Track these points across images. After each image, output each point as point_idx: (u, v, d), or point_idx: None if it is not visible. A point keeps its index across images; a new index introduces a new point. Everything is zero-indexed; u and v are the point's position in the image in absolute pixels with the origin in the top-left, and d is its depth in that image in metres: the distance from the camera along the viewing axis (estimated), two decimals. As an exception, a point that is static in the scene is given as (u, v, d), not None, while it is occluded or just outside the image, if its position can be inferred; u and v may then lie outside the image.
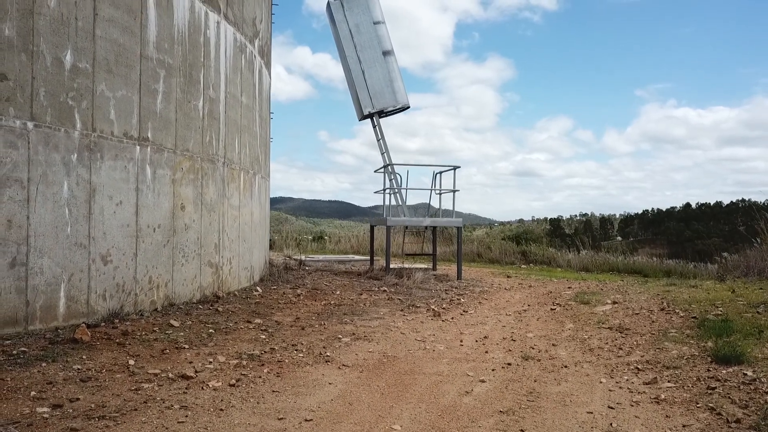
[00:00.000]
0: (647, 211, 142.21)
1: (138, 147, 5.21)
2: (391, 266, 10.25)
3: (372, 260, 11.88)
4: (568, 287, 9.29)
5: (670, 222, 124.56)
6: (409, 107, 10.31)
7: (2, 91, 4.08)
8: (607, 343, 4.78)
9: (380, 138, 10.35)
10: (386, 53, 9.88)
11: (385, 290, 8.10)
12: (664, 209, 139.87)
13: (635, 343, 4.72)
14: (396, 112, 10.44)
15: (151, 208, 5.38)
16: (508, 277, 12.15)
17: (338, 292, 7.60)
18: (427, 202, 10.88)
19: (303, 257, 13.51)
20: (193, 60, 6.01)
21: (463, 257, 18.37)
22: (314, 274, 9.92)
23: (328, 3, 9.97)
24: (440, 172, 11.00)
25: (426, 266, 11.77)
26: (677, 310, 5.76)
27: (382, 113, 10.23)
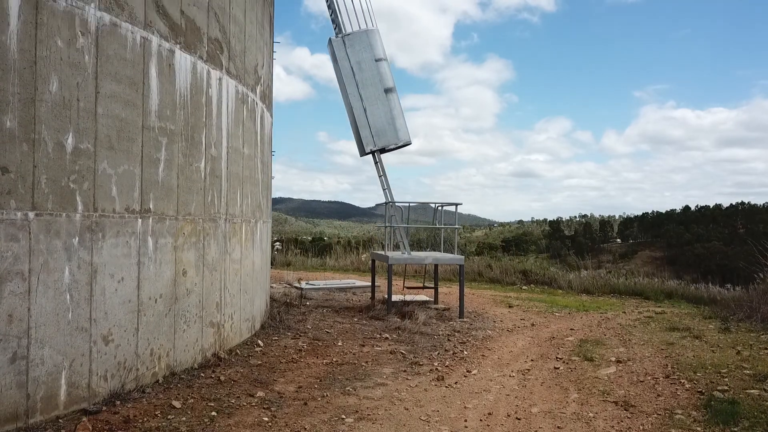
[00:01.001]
0: (647, 213, 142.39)
1: (140, 220, 5.16)
2: (393, 298, 10.22)
3: (373, 292, 11.83)
4: (570, 329, 9.26)
5: (669, 224, 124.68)
6: (410, 143, 10.27)
7: (3, 185, 4.03)
8: (613, 426, 4.74)
9: (382, 174, 10.31)
10: (388, 90, 9.84)
11: (387, 338, 8.06)
12: (663, 211, 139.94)
13: (641, 427, 4.68)
14: (397, 149, 10.39)
15: (153, 280, 5.33)
16: (509, 307, 12.14)
17: (340, 343, 7.55)
18: (427, 202, 10.82)
19: (303, 284, 13.49)
20: (195, 122, 5.96)
21: (464, 276, 18.34)
22: (315, 312, 9.88)
23: (330, 40, 9.92)
24: (441, 206, 10.98)
25: (427, 298, 11.75)
26: (682, 380, 5.72)
27: (383, 150, 10.19)
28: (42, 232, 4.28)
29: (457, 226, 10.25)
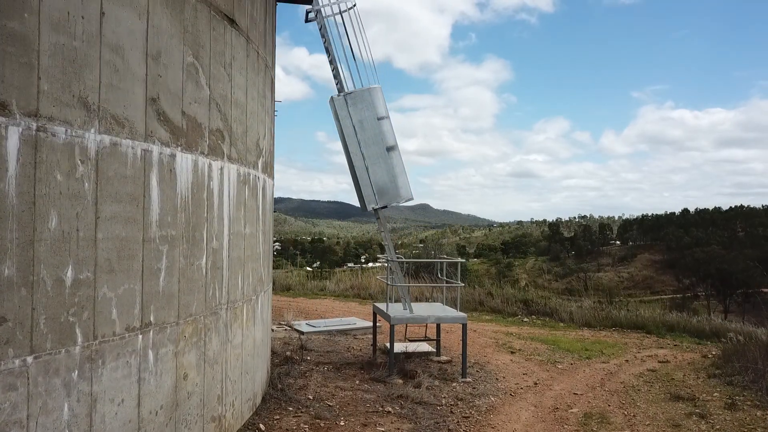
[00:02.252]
0: (646, 216, 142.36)
1: (140, 336, 5.07)
2: (395, 349, 10.17)
3: (375, 341, 11.74)
4: (574, 393, 9.21)
5: (668, 227, 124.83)
6: (412, 199, 10.20)
7: (1, 335, 3.95)
8: None
9: (383, 230, 10.23)
10: (390, 149, 9.76)
11: (389, 411, 8.01)
12: (662, 214, 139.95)
13: None
14: (399, 203, 10.32)
15: (154, 393, 5.25)
16: (512, 353, 12.13)
17: (342, 423, 7.48)
18: (426, 203, 10.84)
19: (303, 325, 13.44)
20: (196, 220, 5.87)
21: (465, 305, 18.29)
22: (316, 371, 9.81)
23: (332, 98, 9.83)
24: (444, 263, 10.91)
25: (430, 348, 11.67)
26: (690, 489, 5.66)
27: (385, 206, 10.12)
28: (40, 374, 4.20)
29: (460, 284, 10.18)
